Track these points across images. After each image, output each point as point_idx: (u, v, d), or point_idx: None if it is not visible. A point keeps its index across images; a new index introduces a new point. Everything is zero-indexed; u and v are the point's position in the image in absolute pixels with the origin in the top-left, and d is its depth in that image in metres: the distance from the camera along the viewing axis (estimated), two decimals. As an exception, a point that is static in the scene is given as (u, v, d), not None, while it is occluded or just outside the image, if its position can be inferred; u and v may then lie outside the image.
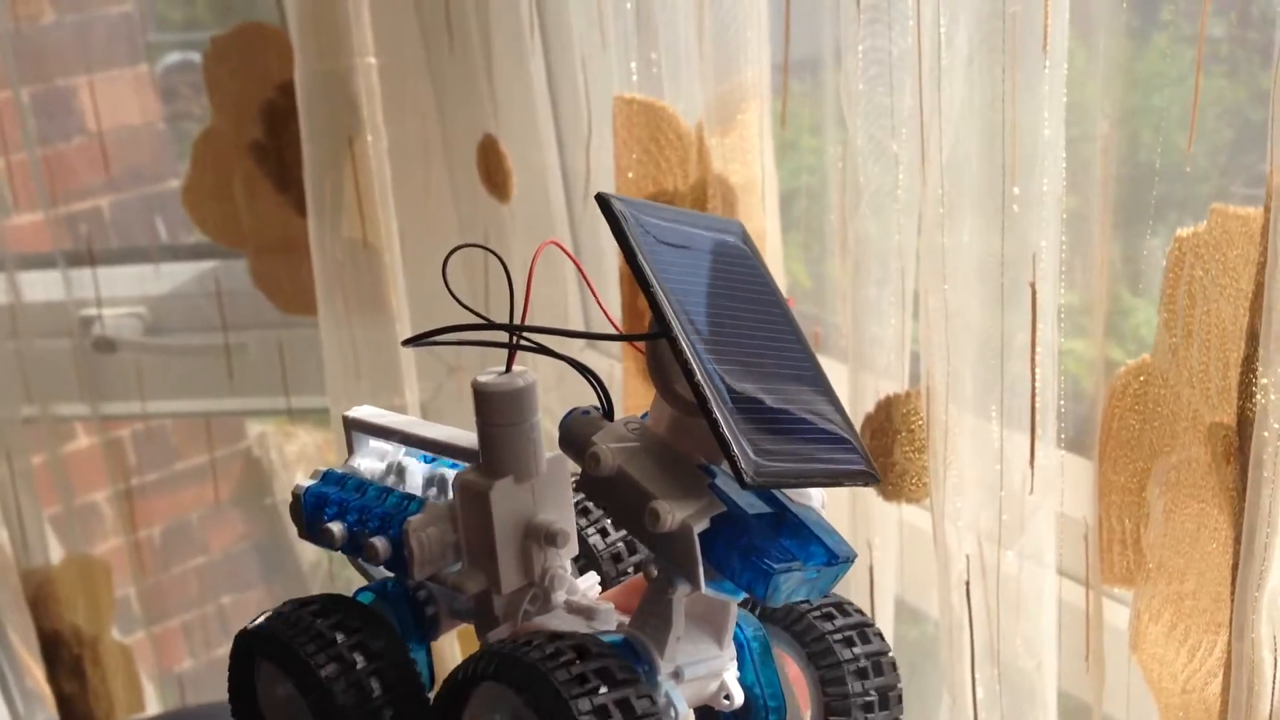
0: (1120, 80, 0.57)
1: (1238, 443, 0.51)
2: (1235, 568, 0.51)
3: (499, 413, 0.35)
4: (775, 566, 0.32)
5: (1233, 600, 0.50)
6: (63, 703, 1.19)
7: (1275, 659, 0.49)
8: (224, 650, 1.38)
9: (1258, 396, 0.49)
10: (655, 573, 0.34)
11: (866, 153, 0.62)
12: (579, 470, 0.36)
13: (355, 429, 0.40)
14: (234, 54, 1.02)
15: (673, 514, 0.32)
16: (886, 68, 0.60)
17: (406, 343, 0.37)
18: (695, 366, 0.31)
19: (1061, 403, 0.58)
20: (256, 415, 1.38)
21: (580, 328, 0.95)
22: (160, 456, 1.34)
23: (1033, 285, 0.56)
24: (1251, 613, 0.49)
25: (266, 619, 0.37)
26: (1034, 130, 0.54)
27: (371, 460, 0.40)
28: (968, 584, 0.62)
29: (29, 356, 1.13)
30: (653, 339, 0.33)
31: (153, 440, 1.33)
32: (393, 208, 0.89)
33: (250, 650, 0.38)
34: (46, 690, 1.21)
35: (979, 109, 0.56)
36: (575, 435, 0.35)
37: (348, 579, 1.12)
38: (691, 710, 0.35)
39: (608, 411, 0.36)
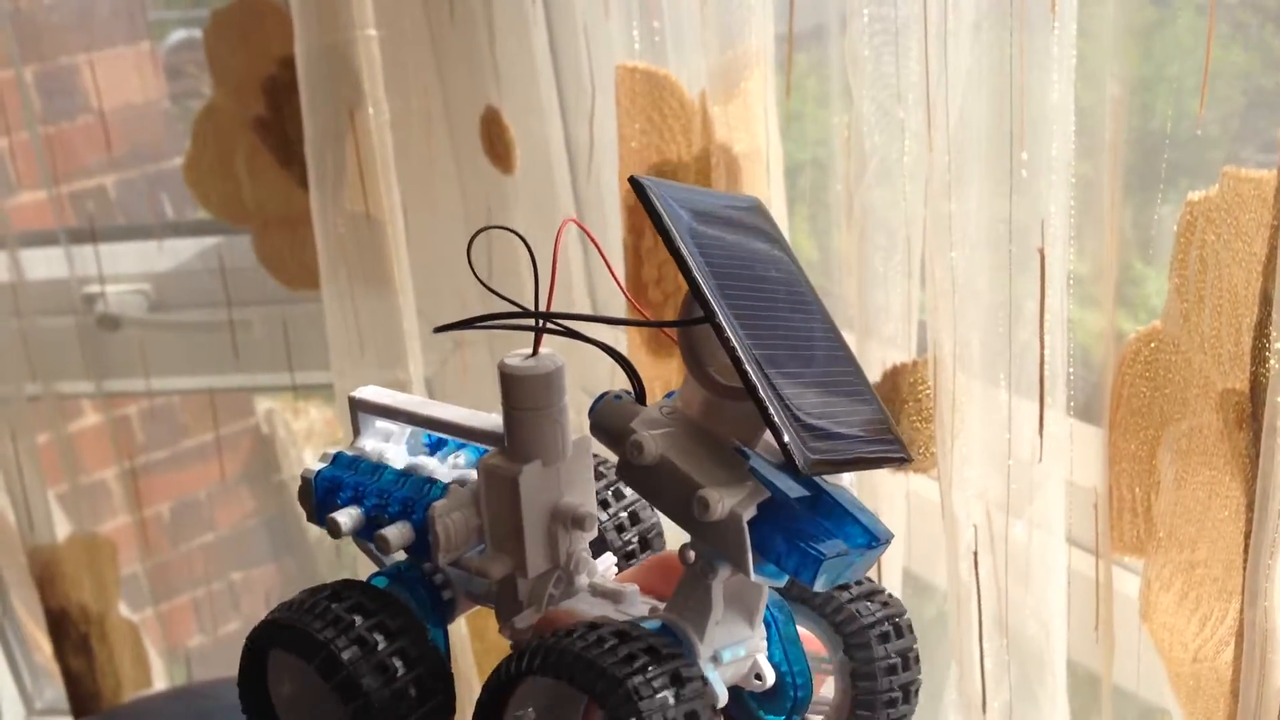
0: (1130, 43, 0.56)
1: (1250, 409, 0.50)
2: (1248, 535, 0.50)
3: (528, 396, 0.35)
4: (825, 553, 0.31)
5: (1245, 568, 0.50)
6: (70, 679, 1.19)
7: (1288, 626, 0.49)
8: (234, 627, 1.39)
9: (1271, 361, 0.48)
10: (693, 558, 0.34)
11: (872, 120, 0.61)
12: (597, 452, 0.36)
13: (362, 409, 0.39)
14: (235, 29, 1.01)
15: (722, 502, 0.32)
16: (892, 33, 0.59)
17: (439, 329, 0.36)
18: (742, 354, 0.31)
19: (1071, 370, 0.58)
20: (261, 391, 1.37)
21: (586, 303, 0.94)
22: (169, 433, 1.34)
23: (1041, 252, 0.55)
24: (1264, 580, 0.48)
25: (283, 610, 0.37)
26: (1042, 94, 0.54)
27: (377, 440, 0.39)
28: (976, 554, 0.61)
29: (33, 334, 1.13)
30: (694, 324, 0.33)
31: (161, 417, 1.33)
32: (395, 181, 0.89)
33: (265, 644, 0.37)
34: (55, 667, 1.21)
35: (986, 74, 0.56)
36: (610, 422, 0.34)
37: (353, 554, 1.12)
38: (728, 693, 0.35)
39: (639, 395, 0.35)
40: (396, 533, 0.36)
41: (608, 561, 0.39)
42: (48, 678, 1.41)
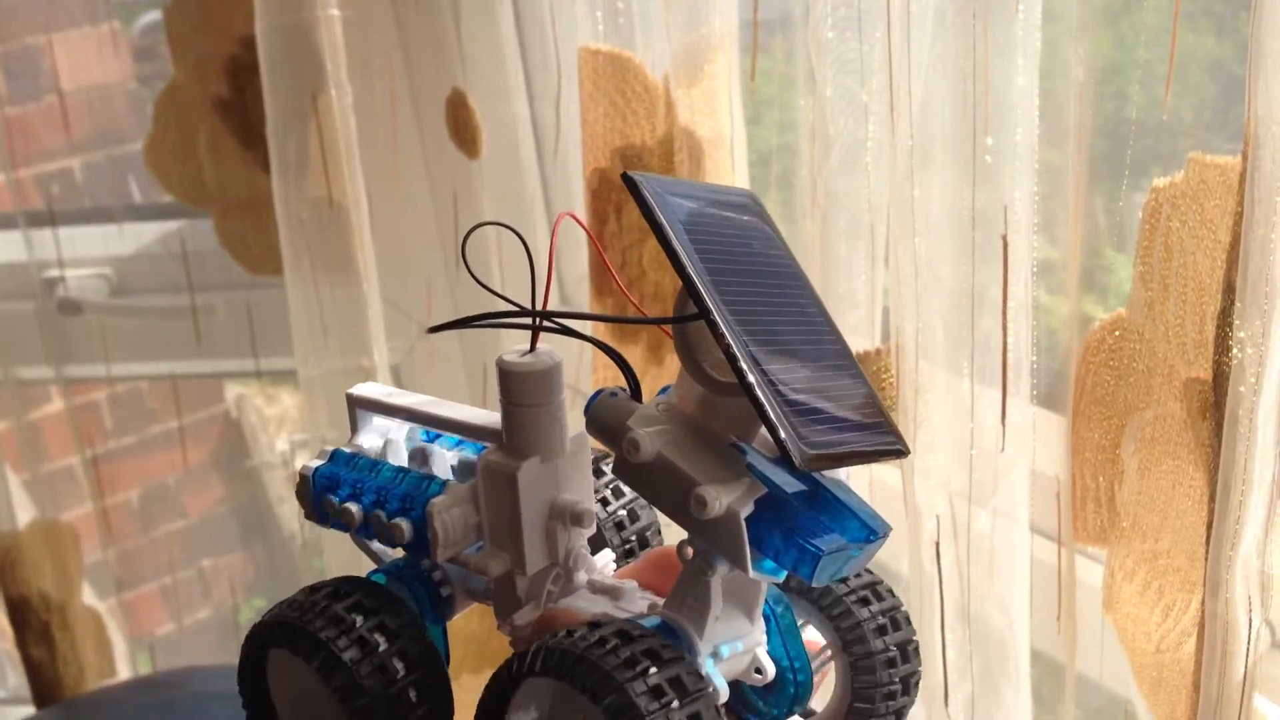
0: (1096, 28, 0.56)
1: (1214, 398, 0.50)
2: (1210, 525, 0.50)
3: (527, 393, 0.34)
4: (823, 549, 0.31)
5: (1207, 558, 0.50)
6: (31, 668, 1.18)
7: (1250, 618, 0.49)
8: (203, 614, 1.38)
9: (1234, 350, 0.48)
10: (691, 554, 0.34)
11: (836, 104, 0.60)
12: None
13: (360, 407, 0.39)
14: (196, 8, 1.00)
15: (720, 499, 0.32)
16: (855, 15, 0.58)
17: (433, 329, 0.36)
18: (738, 351, 0.31)
19: (1034, 358, 0.57)
20: (225, 377, 1.36)
21: (553, 290, 0.93)
22: (136, 420, 1.32)
23: (1005, 238, 0.55)
24: (1226, 571, 0.48)
25: (281, 608, 0.36)
26: (1007, 79, 0.53)
27: (373, 438, 0.39)
28: (938, 543, 0.61)
29: (-9, 319, 1.12)
30: (689, 321, 0.33)
31: (127, 404, 1.32)
32: (359, 165, 0.87)
33: (265, 642, 0.36)
34: (17, 655, 1.20)
35: (951, 57, 0.55)
36: (607, 419, 0.34)
37: (320, 542, 1.11)
38: (728, 688, 0.35)
39: (634, 392, 0.35)
40: (405, 526, 0.36)
41: (606, 558, 0.39)
42: (10, 666, 1.39)
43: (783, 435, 0.30)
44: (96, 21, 1.15)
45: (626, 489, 0.40)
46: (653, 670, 0.31)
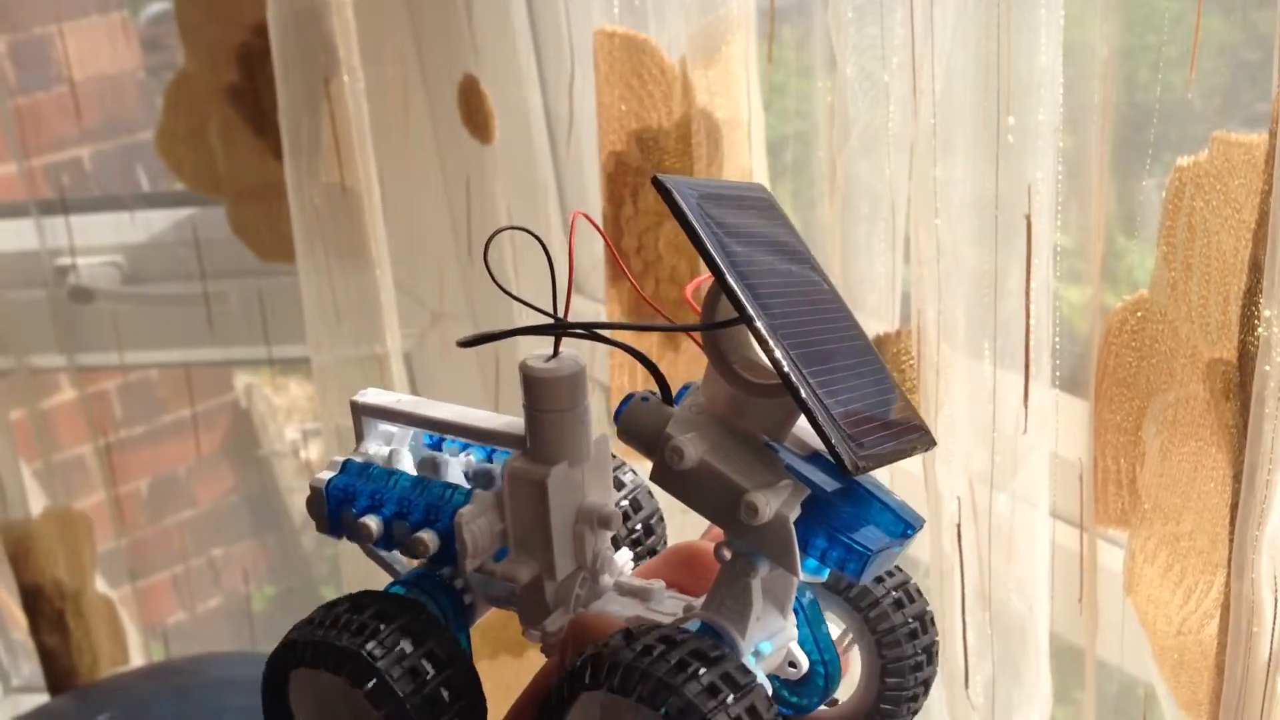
0: (1120, 5, 0.55)
1: (1238, 378, 0.49)
2: (1234, 507, 0.50)
3: (554, 398, 0.34)
4: (872, 547, 0.31)
5: (1231, 540, 0.49)
6: (45, 656, 1.18)
7: (1275, 599, 0.48)
8: (214, 603, 1.38)
9: (1260, 330, 0.47)
10: (729, 555, 0.33)
11: (856, 85, 0.60)
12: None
13: (366, 414, 0.38)
14: (207, -6, 0.99)
15: (770, 505, 0.31)
16: (876, -5, 0.58)
17: (463, 344, 0.35)
18: (782, 358, 0.31)
19: (1057, 340, 0.57)
20: (238, 365, 1.36)
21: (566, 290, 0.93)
22: (147, 409, 1.32)
23: (1028, 218, 0.54)
24: (1251, 552, 0.48)
25: (302, 627, 0.35)
26: (1030, 57, 0.52)
27: (380, 444, 0.38)
28: (959, 527, 0.61)
29: (3, 307, 1.11)
30: (726, 327, 0.32)
31: (138, 393, 1.32)
32: (371, 151, 0.87)
33: (287, 665, 0.35)
34: (31, 644, 1.20)
35: (973, 36, 0.54)
36: (641, 426, 0.34)
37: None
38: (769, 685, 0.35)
39: (665, 396, 0.34)
40: (430, 537, 0.35)
41: (625, 556, 0.38)
42: (24, 654, 1.40)
43: (835, 442, 0.30)
44: (106, 10, 1.15)
45: (626, 479, 0.40)
46: (703, 670, 0.30)
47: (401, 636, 0.34)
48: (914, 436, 0.33)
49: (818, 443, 0.33)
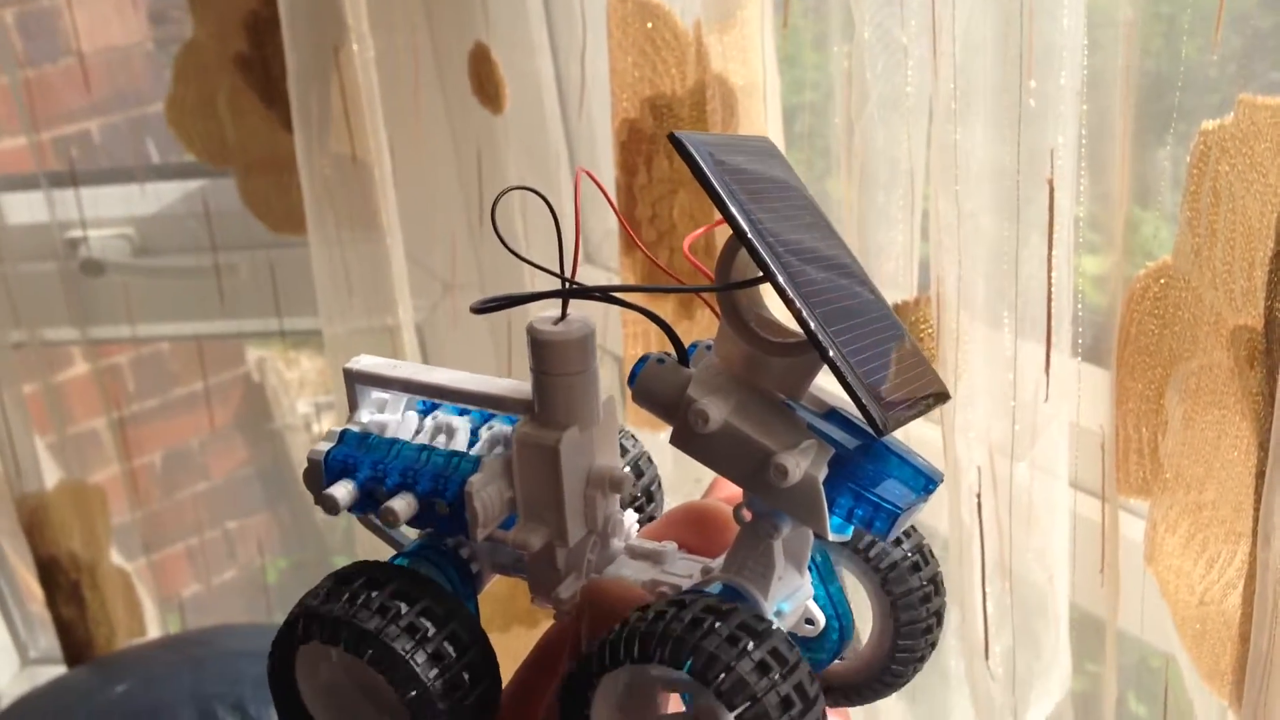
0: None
1: (1264, 345, 0.48)
2: (1260, 475, 0.49)
3: (564, 361, 0.33)
4: (899, 504, 0.31)
5: (1257, 508, 0.49)
6: (62, 627, 1.19)
7: (1301, 568, 0.48)
8: (229, 575, 1.38)
9: (1287, 296, 0.46)
10: (749, 516, 0.33)
11: (874, 47, 0.59)
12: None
13: (360, 382, 0.36)
14: (214, -38, 0.98)
15: (800, 466, 0.31)
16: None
17: (476, 310, 0.33)
18: (808, 317, 0.30)
19: (1079, 308, 0.56)
20: (249, 338, 1.36)
21: (584, 252, 0.92)
22: (159, 382, 1.33)
23: (1050, 183, 0.53)
24: (1278, 520, 0.47)
25: (316, 600, 0.34)
26: (1052, 18, 0.51)
27: (373, 411, 0.37)
28: (979, 496, 0.60)
29: (15, 280, 1.11)
30: (749, 286, 0.32)
31: (151, 366, 1.32)
32: (381, 120, 0.86)
33: (299, 638, 0.34)
34: (48, 616, 1.21)
35: (994, -2, 0.53)
36: (660, 389, 0.33)
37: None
38: None
39: (682, 357, 0.33)
40: (440, 506, 0.34)
41: (631, 519, 0.38)
42: (41, 627, 1.40)
43: (865, 401, 0.30)
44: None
45: (629, 444, 0.39)
46: (752, 645, 0.30)
47: (424, 618, 0.34)
48: (932, 390, 0.33)
49: (833, 400, 0.32)
